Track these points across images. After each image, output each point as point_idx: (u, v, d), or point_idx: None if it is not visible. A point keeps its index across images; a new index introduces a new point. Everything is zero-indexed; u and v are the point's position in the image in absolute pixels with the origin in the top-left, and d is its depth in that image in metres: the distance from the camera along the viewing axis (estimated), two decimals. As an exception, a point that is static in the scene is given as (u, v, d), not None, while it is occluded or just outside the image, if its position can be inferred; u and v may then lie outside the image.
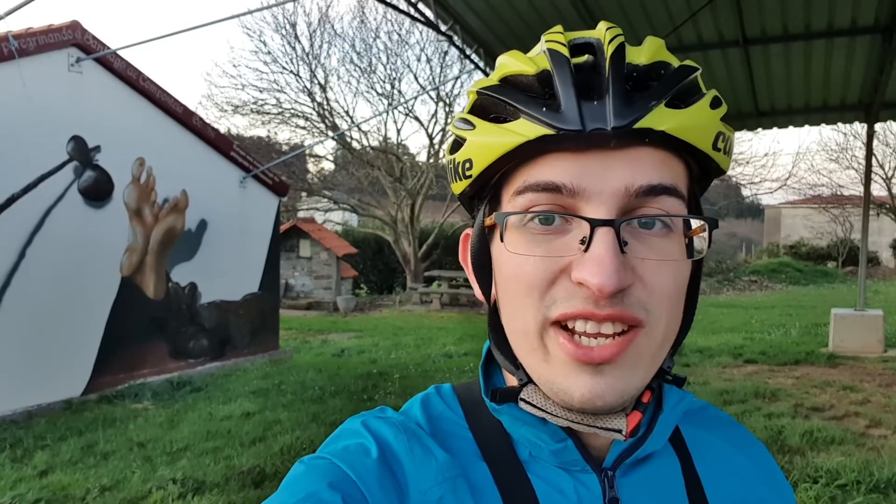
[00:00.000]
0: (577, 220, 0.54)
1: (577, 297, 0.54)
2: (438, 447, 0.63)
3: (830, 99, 8.75)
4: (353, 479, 0.58)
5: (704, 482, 0.66)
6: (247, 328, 9.67)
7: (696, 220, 0.57)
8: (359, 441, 0.63)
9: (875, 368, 7.98)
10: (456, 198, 0.67)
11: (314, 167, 23.62)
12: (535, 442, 0.62)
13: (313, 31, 21.79)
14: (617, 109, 0.53)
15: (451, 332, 12.43)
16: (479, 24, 6.66)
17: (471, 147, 0.59)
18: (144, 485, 4.64)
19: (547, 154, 0.55)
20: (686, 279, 0.59)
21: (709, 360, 8.71)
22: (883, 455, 4.81)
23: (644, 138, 0.54)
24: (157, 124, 8.26)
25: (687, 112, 0.55)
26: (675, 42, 6.83)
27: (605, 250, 0.52)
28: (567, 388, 0.55)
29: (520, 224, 0.57)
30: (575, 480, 0.62)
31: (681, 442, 0.68)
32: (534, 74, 0.57)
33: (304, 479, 0.59)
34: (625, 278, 0.53)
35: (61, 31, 6.99)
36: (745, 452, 0.72)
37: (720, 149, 0.58)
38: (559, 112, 0.54)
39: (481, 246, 0.63)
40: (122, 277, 7.78)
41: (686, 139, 0.55)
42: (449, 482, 0.60)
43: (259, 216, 10.02)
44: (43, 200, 6.88)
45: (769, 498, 0.69)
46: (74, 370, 7.16)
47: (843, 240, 26.98)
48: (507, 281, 0.59)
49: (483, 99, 0.60)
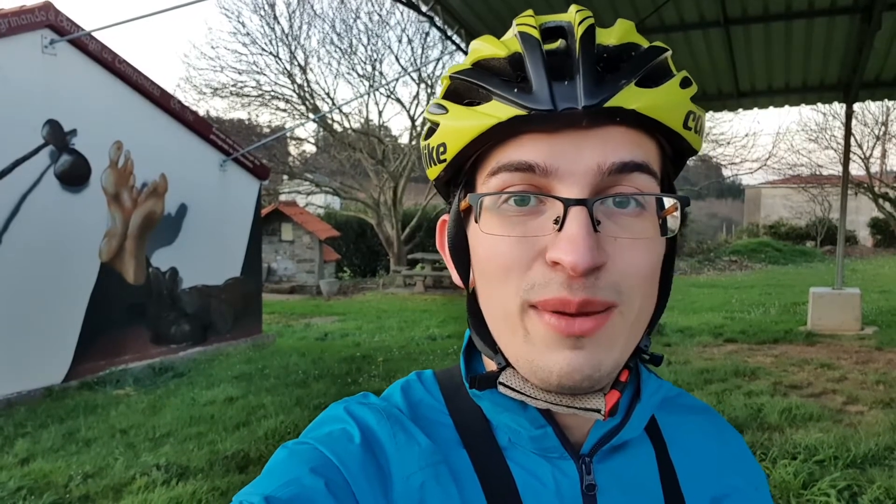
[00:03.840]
0: (550, 201, 0.55)
1: (554, 283, 0.54)
2: (421, 433, 0.63)
3: (810, 79, 8.80)
4: (336, 464, 0.58)
5: (678, 470, 0.67)
6: (229, 313, 9.62)
7: (669, 199, 0.57)
8: (342, 426, 0.63)
9: (852, 346, 8.12)
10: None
11: (295, 150, 23.47)
12: (514, 428, 0.63)
13: (292, 11, 21.58)
14: (587, 89, 0.53)
15: (434, 315, 12.45)
16: (461, 4, 6.61)
17: (444, 131, 0.59)
18: (128, 471, 4.62)
19: (520, 135, 0.55)
20: (660, 258, 0.59)
21: (689, 340, 8.80)
22: (859, 431, 4.90)
23: (615, 117, 0.54)
24: (135, 107, 8.13)
25: (657, 91, 0.56)
26: (656, 22, 6.83)
27: (577, 228, 0.52)
28: (546, 364, 0.56)
29: (494, 206, 0.57)
30: (553, 467, 0.62)
31: (656, 430, 0.69)
32: (505, 57, 0.57)
33: (287, 464, 0.59)
34: (598, 256, 0.53)
35: (34, 13, 6.84)
36: (718, 440, 0.73)
37: (691, 128, 0.59)
38: (531, 93, 0.54)
39: (457, 231, 0.63)
40: (101, 263, 7.69)
41: (656, 117, 0.56)
42: (431, 468, 0.60)
43: (240, 200, 9.94)
44: (18, 186, 6.76)
45: (741, 485, 0.70)
46: (54, 357, 7.10)
47: (821, 219, 27.31)
48: (483, 263, 0.59)
49: (456, 83, 0.60)
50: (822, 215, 27.29)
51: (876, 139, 26.51)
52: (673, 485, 0.66)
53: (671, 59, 0.59)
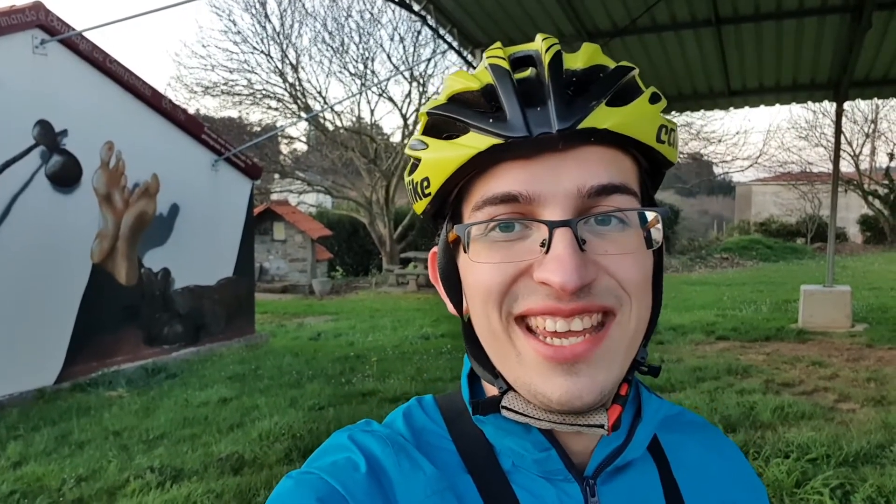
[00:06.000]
0: (536, 225, 0.56)
1: (540, 293, 0.55)
2: (426, 460, 0.63)
3: (801, 78, 8.84)
4: (343, 493, 0.59)
5: (682, 487, 0.68)
6: (222, 313, 9.59)
7: (649, 213, 0.58)
8: (346, 455, 0.63)
9: (843, 343, 8.16)
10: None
11: (287, 148, 23.40)
12: (518, 452, 0.63)
13: (284, 10, 21.54)
14: (560, 112, 0.55)
15: (427, 314, 12.45)
16: (452, 3, 6.60)
17: (426, 165, 0.61)
18: (122, 474, 4.60)
19: (499, 164, 0.57)
20: (650, 269, 0.60)
21: (682, 338, 8.83)
22: (851, 429, 4.92)
23: (590, 138, 0.56)
24: (126, 107, 8.09)
25: (627, 109, 0.57)
26: (648, 21, 6.84)
27: (563, 249, 0.54)
28: (544, 390, 0.57)
29: (481, 234, 0.58)
30: (557, 490, 0.63)
31: (658, 449, 0.70)
32: (478, 90, 0.59)
33: (293, 494, 0.59)
34: (586, 275, 0.54)
35: (24, 12, 6.80)
36: (719, 455, 0.74)
37: (664, 141, 0.60)
38: (506, 122, 0.56)
39: (448, 261, 0.64)
40: (93, 264, 7.66)
41: (629, 134, 0.57)
42: (437, 495, 0.61)
43: (232, 199, 9.91)
44: (9, 187, 6.72)
45: (744, 499, 0.72)
46: (46, 359, 7.06)
47: (811, 216, 27.46)
48: (473, 290, 0.60)
49: (434, 119, 0.62)
50: (813, 212, 27.44)
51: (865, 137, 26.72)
52: (678, 502, 0.66)
53: (638, 76, 0.61)
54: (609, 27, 7.06)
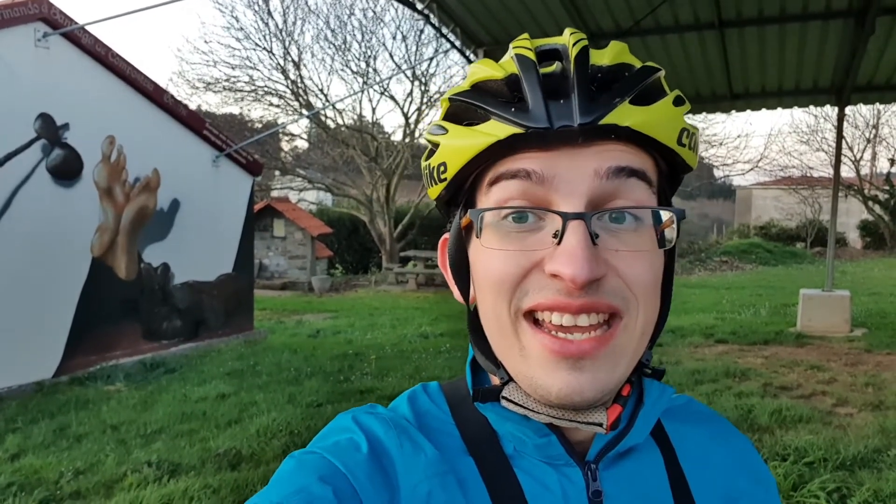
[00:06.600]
0: (549, 216, 0.56)
1: (550, 289, 0.55)
2: (428, 442, 0.64)
3: (803, 82, 8.84)
4: (344, 473, 0.59)
5: (688, 476, 0.68)
6: (221, 309, 9.59)
7: (665, 213, 0.58)
8: (349, 436, 0.64)
9: (841, 348, 8.16)
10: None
11: (287, 145, 23.40)
12: (519, 437, 0.63)
13: (286, 6, 21.53)
14: (583, 107, 0.55)
15: (427, 313, 12.45)
16: (456, 2, 6.60)
17: (444, 151, 0.61)
18: (119, 468, 4.60)
19: (517, 153, 0.57)
20: (661, 270, 0.60)
21: (681, 340, 8.83)
22: (849, 433, 4.93)
23: (610, 134, 0.56)
24: (128, 101, 8.09)
25: (651, 109, 0.57)
26: (651, 24, 6.84)
27: (576, 242, 0.54)
28: (545, 383, 0.57)
29: (495, 221, 0.58)
30: (559, 474, 0.63)
31: (664, 437, 0.70)
32: (502, 79, 0.59)
33: (295, 474, 0.60)
34: (597, 269, 0.54)
35: (27, 5, 6.79)
36: (727, 446, 0.74)
37: (685, 144, 0.60)
38: (527, 112, 0.56)
39: (458, 248, 0.64)
40: (92, 258, 7.66)
41: (650, 134, 0.57)
42: (438, 477, 0.61)
43: (232, 196, 9.90)
44: (10, 180, 6.72)
45: (752, 490, 0.71)
46: (45, 352, 7.06)
47: (811, 221, 27.45)
48: (482, 277, 0.60)
49: (455, 105, 0.62)
50: (813, 217, 27.44)
51: (866, 142, 26.71)
52: (684, 491, 0.67)
53: (664, 78, 0.61)
54: (612, 28, 7.06)
